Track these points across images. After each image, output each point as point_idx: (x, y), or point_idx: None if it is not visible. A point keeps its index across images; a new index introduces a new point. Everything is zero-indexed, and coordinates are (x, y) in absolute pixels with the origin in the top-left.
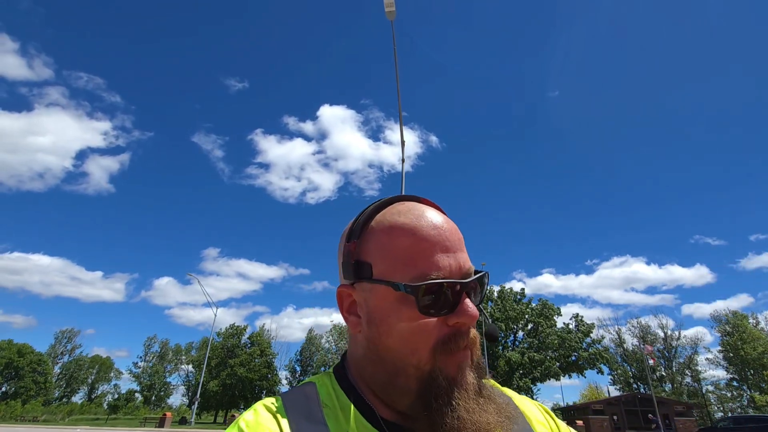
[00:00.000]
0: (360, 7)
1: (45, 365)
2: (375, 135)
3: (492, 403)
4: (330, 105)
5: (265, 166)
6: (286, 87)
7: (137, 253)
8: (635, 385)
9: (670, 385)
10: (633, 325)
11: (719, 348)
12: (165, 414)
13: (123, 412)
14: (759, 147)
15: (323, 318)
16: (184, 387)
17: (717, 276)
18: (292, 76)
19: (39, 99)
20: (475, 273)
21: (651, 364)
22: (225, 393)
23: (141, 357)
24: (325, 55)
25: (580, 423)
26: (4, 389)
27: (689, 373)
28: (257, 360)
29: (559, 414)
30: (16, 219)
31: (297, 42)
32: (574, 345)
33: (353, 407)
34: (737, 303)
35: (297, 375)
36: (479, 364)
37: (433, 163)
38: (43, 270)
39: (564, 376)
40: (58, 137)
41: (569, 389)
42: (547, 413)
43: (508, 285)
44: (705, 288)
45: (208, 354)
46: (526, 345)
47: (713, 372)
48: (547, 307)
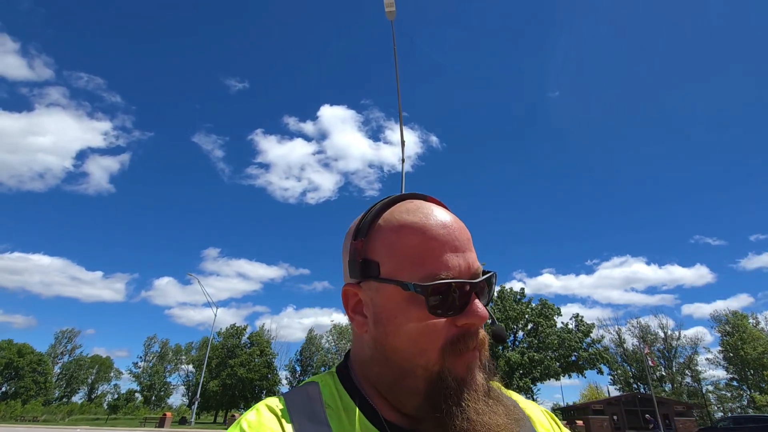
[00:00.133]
0: (360, 7)
1: (45, 365)
2: (375, 135)
3: (500, 405)
4: (330, 105)
5: (266, 166)
6: (286, 87)
7: (137, 253)
8: (635, 385)
9: (670, 385)
10: (633, 325)
11: (719, 348)
12: (165, 414)
13: (123, 412)
14: (759, 147)
15: (323, 318)
16: (184, 387)
17: (717, 276)
18: (292, 76)
19: (39, 99)
20: (483, 273)
21: (651, 365)
22: (225, 393)
23: (141, 357)
24: (325, 55)
25: (580, 423)
26: (4, 389)
27: (689, 373)
28: (257, 360)
29: (559, 414)
30: (16, 219)
31: (297, 42)
32: (574, 345)
33: (357, 409)
34: (737, 303)
35: (297, 375)
36: (488, 365)
37: (434, 163)
38: (44, 270)
39: (564, 376)
40: (58, 137)
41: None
42: (552, 419)
43: (508, 285)
44: (705, 288)
45: (208, 354)
46: (525, 345)
47: (713, 372)
48: (547, 307)
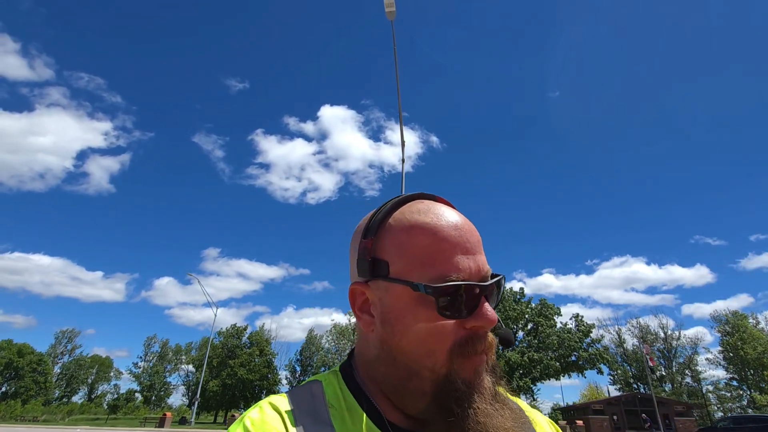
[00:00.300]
0: (360, 7)
1: (45, 365)
2: (375, 135)
3: (507, 409)
4: (330, 105)
5: (266, 166)
6: (286, 87)
7: (137, 253)
8: (635, 385)
9: (670, 385)
10: (633, 325)
11: (719, 348)
12: (165, 414)
13: (123, 412)
14: (759, 147)
15: (323, 318)
16: (184, 387)
17: (717, 276)
18: (292, 76)
19: (40, 99)
20: (492, 276)
21: (651, 365)
22: (225, 393)
23: (141, 357)
24: (326, 55)
25: (580, 423)
26: (4, 389)
27: (689, 373)
28: (257, 360)
29: (559, 414)
30: (16, 219)
31: (297, 42)
32: (573, 345)
33: (360, 409)
34: (737, 303)
35: (297, 375)
36: (495, 368)
37: (434, 164)
38: (44, 270)
39: (564, 376)
40: (58, 137)
41: (569, 389)
42: (556, 429)
43: (508, 285)
44: (705, 288)
45: (208, 354)
46: (525, 345)
47: (713, 372)
48: (547, 307)
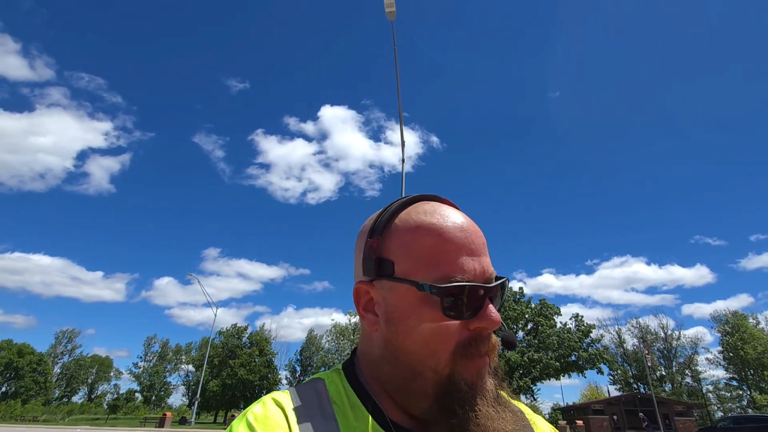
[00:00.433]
0: (360, 7)
1: (45, 365)
2: (376, 135)
3: (509, 412)
4: (331, 105)
5: (266, 166)
6: (286, 87)
7: (138, 253)
8: (635, 385)
9: (670, 385)
10: (633, 325)
11: (719, 348)
12: (165, 414)
13: (123, 412)
14: (759, 147)
15: (323, 318)
16: (184, 387)
17: (717, 276)
18: (292, 76)
19: (40, 99)
20: (497, 279)
21: (650, 365)
22: (225, 393)
23: (141, 357)
24: (326, 56)
25: (580, 423)
26: (4, 389)
27: (689, 373)
28: (257, 360)
29: (559, 414)
30: (16, 219)
31: (297, 42)
32: (573, 345)
33: (363, 407)
34: (737, 303)
35: (297, 375)
36: (497, 371)
37: (434, 164)
38: (44, 270)
39: (564, 375)
40: (59, 137)
41: (569, 389)
42: None
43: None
44: (705, 288)
45: (209, 353)
46: (525, 344)
47: (713, 372)
48: (547, 307)
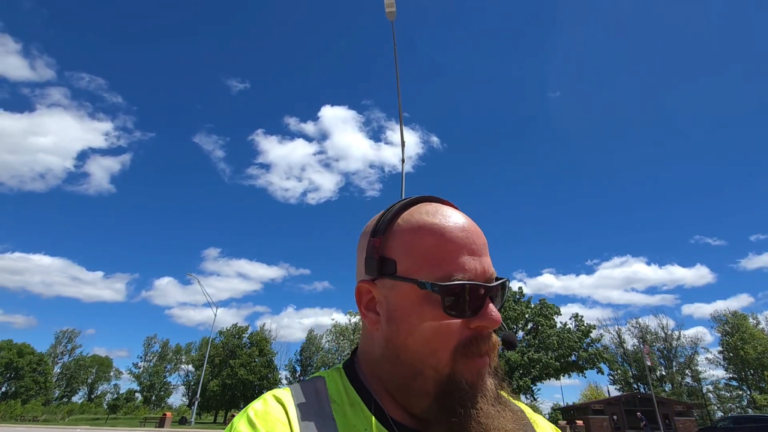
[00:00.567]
0: (360, 7)
1: (45, 365)
2: (376, 135)
3: (509, 411)
4: (331, 105)
5: (266, 166)
6: (287, 87)
7: (138, 253)
8: (635, 385)
9: (670, 385)
10: (633, 325)
11: (719, 348)
12: (165, 414)
13: (123, 411)
14: (759, 147)
15: (323, 318)
16: (184, 387)
17: (717, 276)
18: (293, 76)
19: (41, 99)
20: (497, 279)
21: (649, 365)
22: (225, 393)
23: (141, 357)
24: (326, 56)
25: (580, 423)
26: (4, 389)
27: (689, 373)
28: (257, 360)
29: (559, 414)
30: (17, 219)
31: (298, 42)
32: (573, 345)
33: (363, 405)
34: (737, 303)
35: (297, 375)
36: (497, 370)
37: (434, 164)
38: (44, 270)
39: (564, 375)
40: (59, 138)
41: (569, 389)
42: None
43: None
44: (705, 288)
45: (209, 353)
46: (525, 344)
47: (713, 372)
48: (547, 307)
